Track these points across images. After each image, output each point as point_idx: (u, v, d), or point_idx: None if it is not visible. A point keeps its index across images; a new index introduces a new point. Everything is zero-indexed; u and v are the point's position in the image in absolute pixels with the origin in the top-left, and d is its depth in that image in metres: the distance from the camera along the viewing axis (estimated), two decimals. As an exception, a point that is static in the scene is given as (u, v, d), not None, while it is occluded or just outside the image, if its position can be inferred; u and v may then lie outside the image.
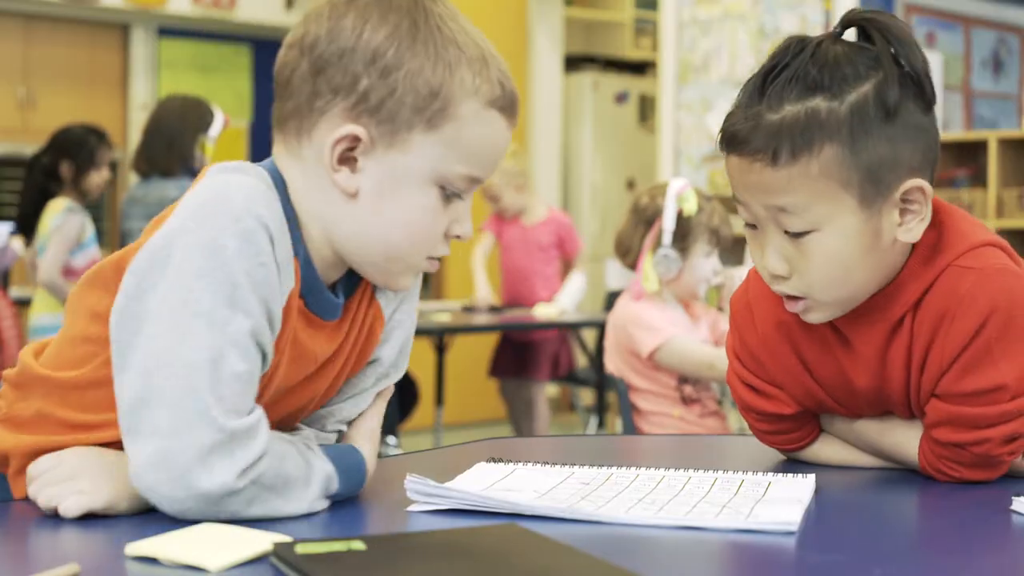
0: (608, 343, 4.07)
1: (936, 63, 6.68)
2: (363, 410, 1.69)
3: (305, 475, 1.47)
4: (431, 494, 1.49)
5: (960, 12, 7.68)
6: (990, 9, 7.86)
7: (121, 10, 9.26)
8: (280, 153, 1.58)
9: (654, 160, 8.15)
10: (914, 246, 1.71)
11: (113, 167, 8.96)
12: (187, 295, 1.40)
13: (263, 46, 10.35)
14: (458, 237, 1.59)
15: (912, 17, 7.32)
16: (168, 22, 9.67)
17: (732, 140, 1.67)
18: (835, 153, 1.61)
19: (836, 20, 1.71)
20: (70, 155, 6.04)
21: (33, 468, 1.48)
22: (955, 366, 1.68)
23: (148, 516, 1.42)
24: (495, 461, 1.75)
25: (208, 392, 1.38)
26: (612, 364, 4.01)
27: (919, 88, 1.65)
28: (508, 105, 1.56)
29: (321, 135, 1.52)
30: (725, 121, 1.70)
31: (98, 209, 9.25)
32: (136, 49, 9.61)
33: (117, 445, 1.46)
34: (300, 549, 1.21)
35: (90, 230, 6.15)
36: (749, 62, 7.32)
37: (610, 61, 10.13)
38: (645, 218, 3.92)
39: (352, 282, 1.63)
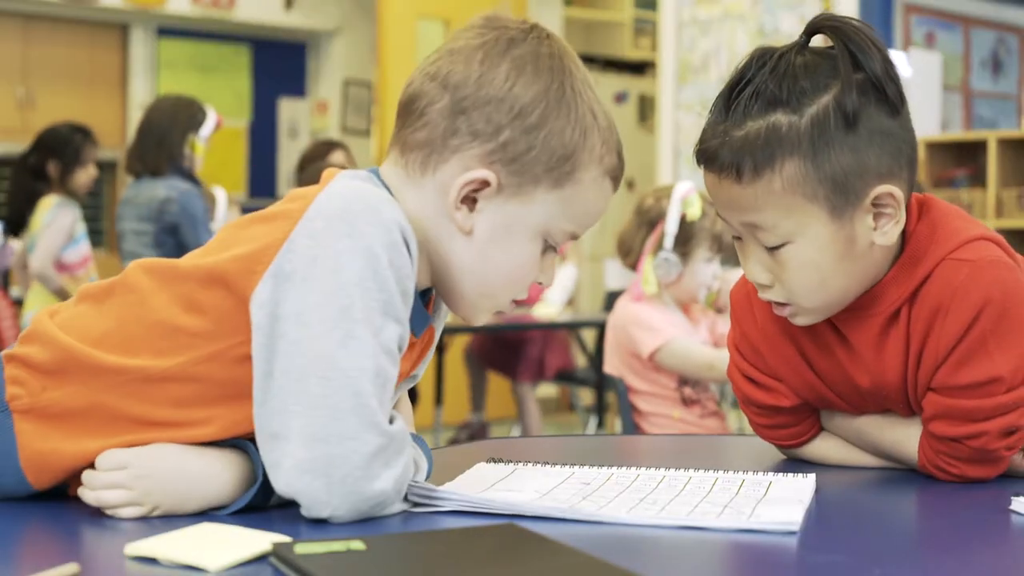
0: (608, 344, 4.07)
1: (935, 63, 6.68)
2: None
3: (416, 473, 1.50)
4: (432, 496, 1.49)
5: (959, 12, 7.68)
6: (989, 9, 7.87)
7: (120, 10, 9.27)
8: (396, 174, 1.59)
9: (653, 160, 8.14)
10: (906, 243, 1.72)
11: (112, 167, 8.99)
12: (347, 301, 1.41)
13: (262, 46, 10.37)
14: (540, 284, 1.63)
15: (911, 17, 7.32)
16: (167, 22, 9.69)
17: (702, 157, 1.69)
18: (797, 167, 1.62)
19: (836, 20, 1.71)
20: (56, 154, 6.08)
21: (101, 460, 1.45)
22: (950, 359, 1.68)
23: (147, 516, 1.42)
24: (495, 461, 1.75)
25: (373, 398, 1.40)
26: (612, 365, 4.01)
27: (881, 93, 1.65)
28: (619, 176, 1.63)
29: (450, 172, 1.55)
30: (700, 136, 1.71)
31: (96, 209, 9.27)
32: (135, 49, 9.62)
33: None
34: (299, 549, 1.21)
35: (81, 227, 6.18)
36: (748, 62, 7.31)
37: (609, 61, 10.13)
38: (648, 219, 3.92)
39: (423, 301, 1.64)
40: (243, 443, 1.49)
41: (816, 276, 1.67)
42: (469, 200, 1.55)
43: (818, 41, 1.70)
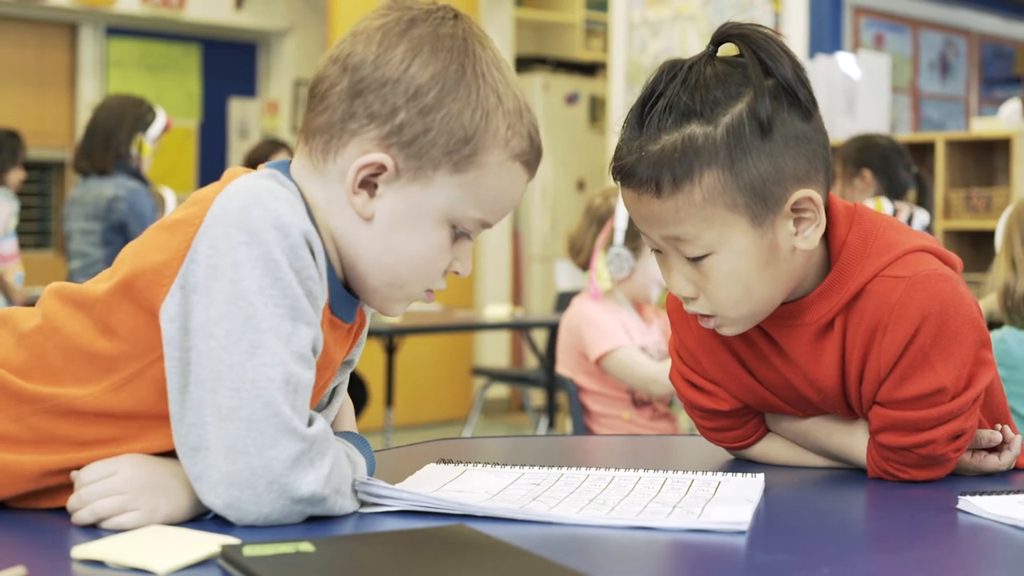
0: (560, 342, 4.08)
1: (884, 65, 6.72)
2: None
3: (352, 471, 1.49)
4: (381, 495, 1.49)
5: (908, 15, 7.73)
6: (938, 11, 7.92)
7: (69, 9, 9.21)
8: (303, 165, 1.57)
9: (604, 161, 8.14)
10: (836, 252, 1.73)
11: (60, 167, 8.93)
12: (251, 311, 1.40)
13: (212, 46, 10.33)
14: (457, 273, 1.61)
15: (860, 19, 7.36)
16: (117, 21, 9.63)
17: (618, 173, 1.68)
18: (716, 178, 1.62)
19: (786, 22, 1.72)
20: None
21: (85, 474, 1.43)
22: (893, 374, 1.69)
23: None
24: (445, 462, 1.75)
25: (286, 405, 1.39)
26: (563, 364, 4.02)
27: (793, 97, 1.65)
28: (533, 160, 1.59)
29: (348, 156, 1.52)
30: (614, 153, 1.70)
31: (45, 209, 9.21)
32: (84, 48, 9.57)
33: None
34: (248, 551, 1.21)
35: (14, 222, 6.26)
36: (699, 63, 7.34)
37: (560, 62, 10.14)
38: (598, 217, 3.94)
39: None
40: None
41: (741, 285, 1.67)
42: (369, 185, 1.53)
43: (726, 51, 1.70)
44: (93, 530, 1.37)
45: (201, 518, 1.43)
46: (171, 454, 1.45)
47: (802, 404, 1.81)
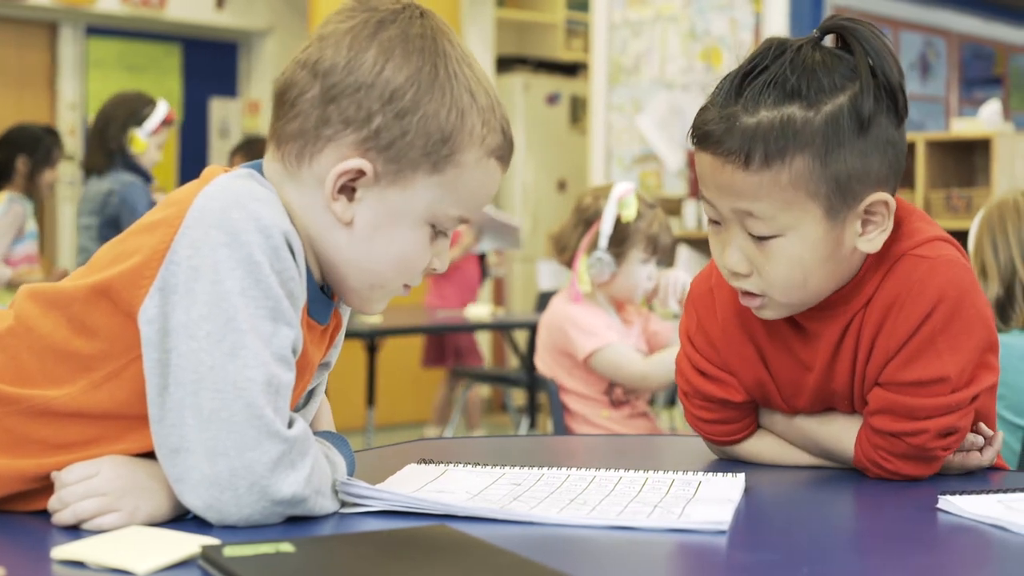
0: (540, 342, 4.07)
1: (865, 65, 6.72)
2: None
3: (332, 471, 1.48)
4: (363, 495, 1.48)
5: (888, 15, 7.75)
6: (918, 12, 7.94)
7: (49, 8, 9.19)
8: (275, 169, 1.56)
9: (585, 161, 8.16)
10: None
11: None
12: (232, 312, 1.39)
13: (193, 45, 10.31)
14: (434, 270, 1.61)
15: (841, 20, 7.38)
16: (97, 21, 9.61)
17: (705, 138, 1.67)
18: (806, 164, 1.62)
19: (766, 23, 1.73)
20: (27, 151, 6.10)
21: (66, 475, 1.42)
22: (900, 354, 1.70)
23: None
24: (426, 462, 1.75)
25: (268, 407, 1.39)
26: (543, 364, 4.02)
27: (893, 101, 1.66)
28: (507, 154, 1.60)
29: (325, 162, 1.52)
30: (698, 117, 1.69)
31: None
32: (64, 48, 9.54)
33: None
34: (228, 552, 1.20)
35: (32, 224, 6.19)
36: (680, 64, 7.35)
37: (542, 62, 10.14)
38: (585, 218, 3.93)
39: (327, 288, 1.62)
40: None
41: (800, 272, 1.68)
42: (348, 190, 1.52)
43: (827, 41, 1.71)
44: (73, 531, 1.37)
45: (182, 518, 1.42)
46: (151, 455, 1.44)
47: (796, 402, 1.82)
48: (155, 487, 1.42)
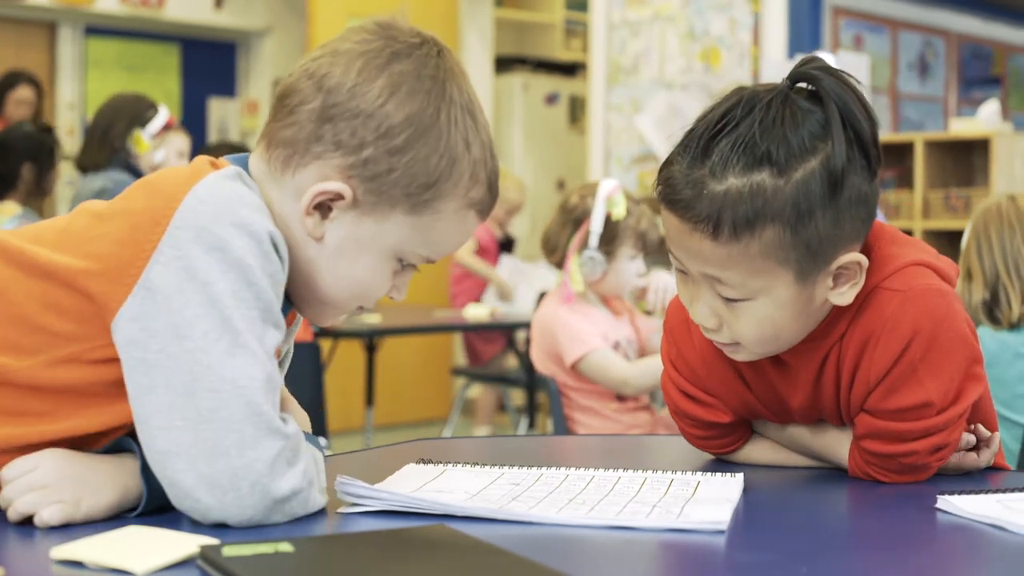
0: (534, 344, 4.09)
1: (863, 66, 6.73)
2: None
3: (317, 466, 1.48)
4: (362, 495, 1.48)
5: (887, 15, 7.75)
6: (917, 12, 7.94)
7: (48, 8, 9.19)
8: (261, 168, 1.57)
9: (584, 161, 8.16)
10: None
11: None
12: (228, 312, 1.40)
13: (192, 45, 10.31)
14: (391, 297, 1.62)
15: (840, 20, 7.38)
16: (96, 21, 9.60)
17: (673, 203, 1.62)
18: (777, 233, 1.58)
19: (765, 23, 1.71)
20: (30, 157, 5.91)
21: (7, 471, 1.42)
22: (881, 386, 1.69)
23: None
24: (425, 462, 1.75)
25: (267, 405, 1.39)
26: (540, 364, 4.03)
27: (864, 154, 1.62)
28: (487, 208, 1.60)
29: (307, 177, 1.53)
30: (664, 171, 1.64)
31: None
32: (63, 48, 9.54)
33: (81, 439, 1.47)
34: (227, 551, 1.21)
35: None
36: (679, 63, 7.35)
37: (540, 62, 10.14)
38: (573, 218, 3.94)
39: None
40: (127, 443, 1.48)
41: (771, 330, 1.66)
42: (324, 208, 1.53)
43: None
44: (73, 531, 1.37)
45: (126, 514, 1.43)
46: (105, 434, 1.47)
47: (788, 418, 1.82)
48: (97, 479, 1.42)
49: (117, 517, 1.42)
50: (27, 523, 1.40)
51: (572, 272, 3.88)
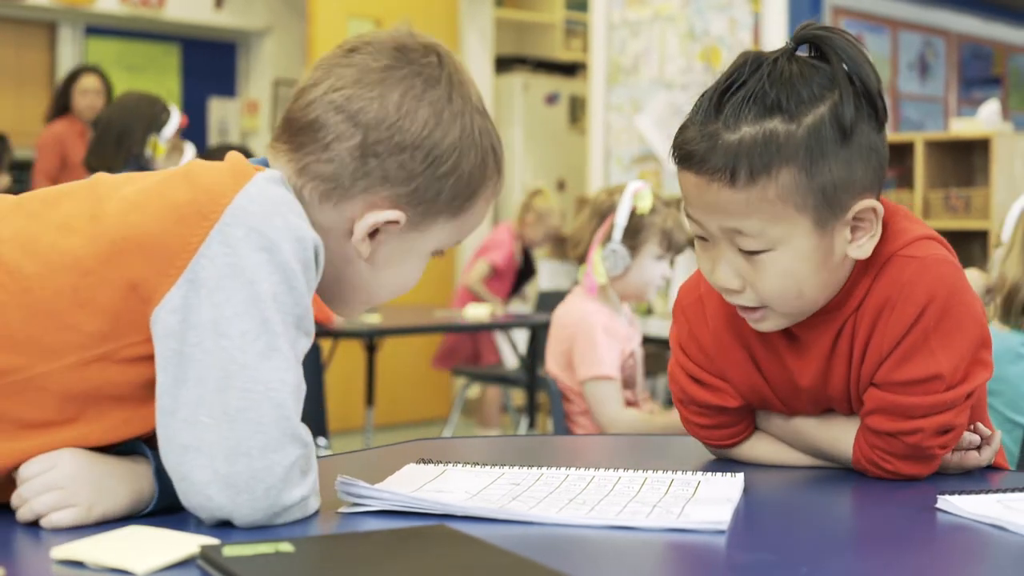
0: (552, 339, 4.03)
1: (864, 65, 6.72)
2: None
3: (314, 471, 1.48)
4: (362, 495, 1.48)
5: (887, 15, 7.75)
6: (917, 12, 7.94)
7: (48, 8, 9.19)
8: (295, 191, 1.54)
9: (584, 161, 8.16)
10: None
11: (28, 166, 8.89)
12: (268, 314, 1.40)
13: (192, 45, 10.30)
14: None
15: (840, 20, 7.38)
16: (96, 21, 9.60)
17: (688, 157, 1.66)
18: (792, 177, 1.62)
19: (765, 22, 1.72)
20: None
21: (25, 470, 1.41)
22: (894, 354, 1.70)
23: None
24: (425, 462, 1.75)
25: (293, 412, 1.41)
26: (555, 364, 3.99)
27: (872, 107, 1.65)
28: (500, 191, 1.65)
29: (354, 208, 1.55)
30: (679, 136, 1.68)
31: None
32: (63, 48, 9.53)
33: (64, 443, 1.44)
34: (227, 551, 1.21)
35: None
36: (679, 64, 7.35)
37: (540, 62, 10.13)
38: (600, 212, 3.94)
39: None
40: (139, 447, 1.47)
41: (794, 284, 1.67)
42: (374, 233, 1.57)
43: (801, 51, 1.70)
44: (72, 531, 1.37)
45: (137, 516, 1.43)
46: (109, 442, 1.46)
47: (795, 403, 1.82)
48: (112, 483, 1.42)
49: (173, 521, 1.42)
50: (30, 522, 1.41)
51: (595, 263, 3.87)
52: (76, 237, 1.45)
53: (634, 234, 3.85)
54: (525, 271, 8.00)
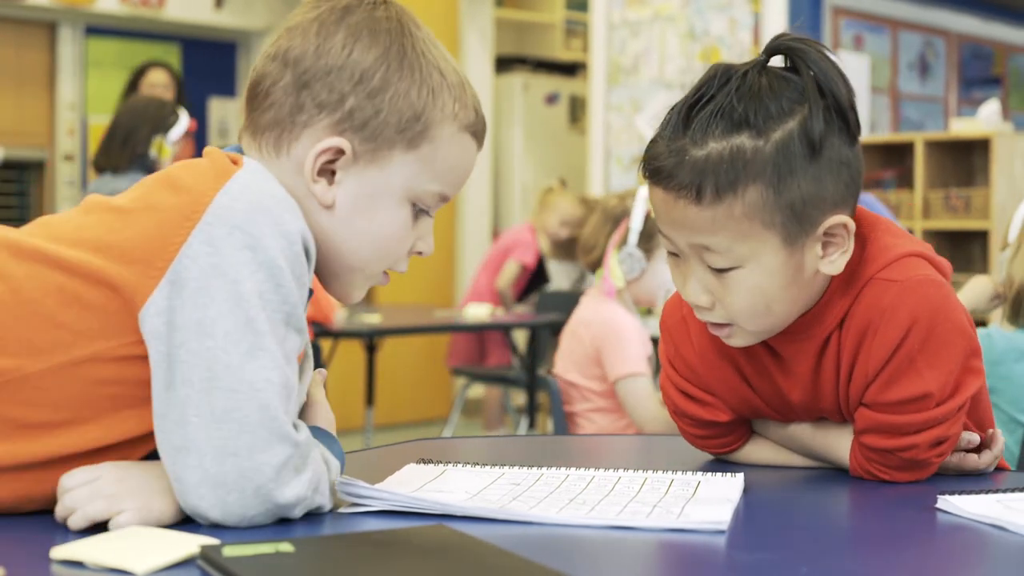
0: (571, 344, 4.02)
1: (863, 65, 6.74)
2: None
3: (328, 471, 1.47)
4: (362, 495, 1.48)
5: (887, 15, 7.75)
6: (917, 12, 7.94)
7: (48, 8, 9.18)
8: (255, 158, 1.56)
9: (584, 161, 8.16)
10: None
11: (39, 166, 8.90)
12: (252, 313, 1.39)
13: (192, 45, 10.30)
14: (420, 253, 1.63)
15: (840, 20, 7.38)
16: (96, 20, 9.59)
17: (656, 173, 1.65)
18: (759, 194, 1.60)
19: (765, 22, 1.72)
20: None
21: (68, 479, 1.40)
22: (880, 377, 1.69)
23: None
24: (425, 462, 1.75)
25: (281, 410, 1.39)
26: (571, 364, 3.99)
27: (844, 120, 1.64)
28: (480, 131, 1.62)
29: (303, 147, 1.54)
30: (648, 150, 1.67)
31: (24, 210, 9.17)
32: (63, 48, 9.53)
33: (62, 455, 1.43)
34: (227, 551, 1.21)
35: None
36: (679, 63, 7.36)
37: (541, 62, 10.14)
38: (613, 217, 3.95)
39: None
40: None
41: (762, 301, 1.66)
42: (327, 172, 1.55)
43: (774, 62, 1.68)
44: (71, 531, 1.37)
45: (186, 520, 1.42)
46: (120, 445, 1.45)
47: (790, 415, 1.82)
48: (160, 487, 1.41)
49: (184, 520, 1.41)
50: (28, 523, 1.41)
51: (612, 267, 3.88)
52: (63, 244, 1.46)
53: (649, 237, 3.88)
54: (537, 278, 7.97)
